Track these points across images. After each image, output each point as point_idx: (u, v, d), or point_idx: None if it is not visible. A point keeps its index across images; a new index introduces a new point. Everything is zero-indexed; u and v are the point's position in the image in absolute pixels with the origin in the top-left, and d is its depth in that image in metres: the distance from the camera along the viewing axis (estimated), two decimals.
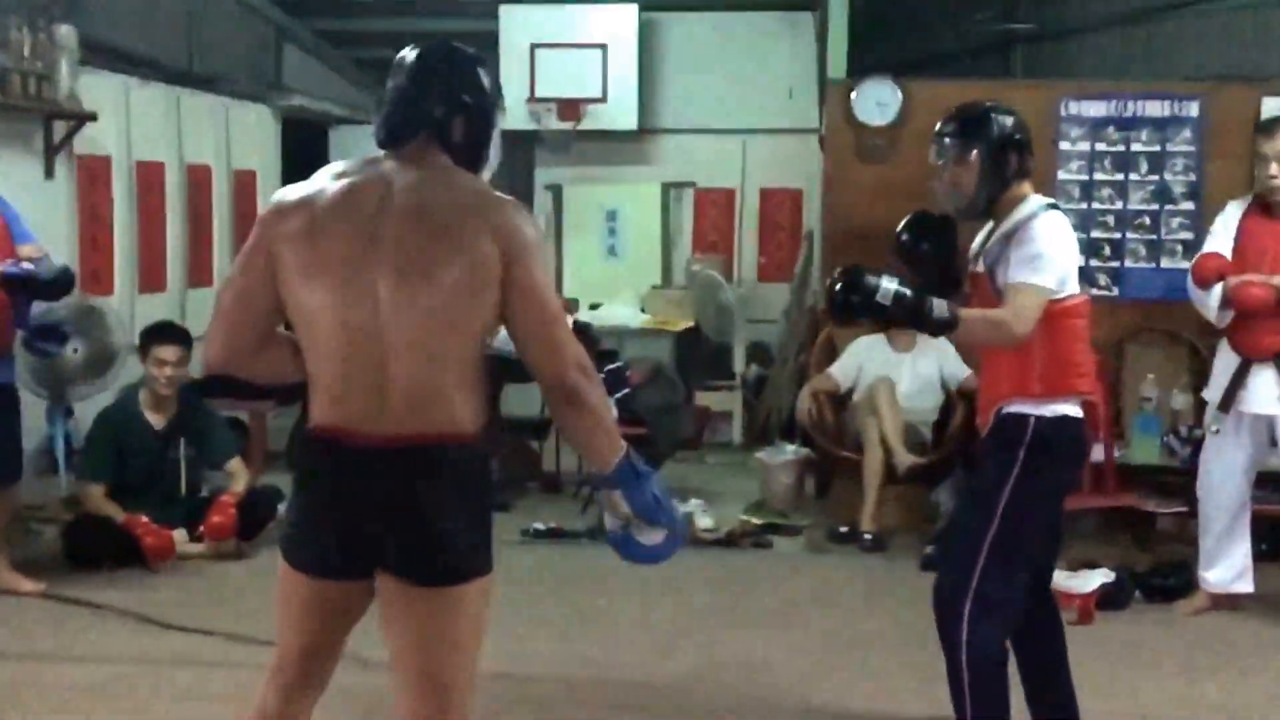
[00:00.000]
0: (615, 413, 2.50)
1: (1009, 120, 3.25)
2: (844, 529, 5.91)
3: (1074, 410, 3.23)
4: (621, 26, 8.74)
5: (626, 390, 6.59)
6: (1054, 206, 3.25)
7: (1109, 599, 4.85)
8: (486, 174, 2.45)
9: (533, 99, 8.69)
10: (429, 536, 2.28)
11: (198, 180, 7.56)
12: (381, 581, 2.33)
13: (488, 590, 2.38)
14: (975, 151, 3.20)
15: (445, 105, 2.36)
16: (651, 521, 2.42)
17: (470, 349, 2.29)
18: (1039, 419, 3.19)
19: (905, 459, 5.80)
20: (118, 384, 5.78)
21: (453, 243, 2.25)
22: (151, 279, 7.12)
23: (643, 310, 8.66)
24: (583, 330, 7.11)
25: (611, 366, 6.64)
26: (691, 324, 8.39)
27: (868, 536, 5.79)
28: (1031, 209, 3.20)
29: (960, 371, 6.06)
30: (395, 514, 2.28)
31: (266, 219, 2.35)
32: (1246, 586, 4.83)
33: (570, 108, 8.72)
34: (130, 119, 6.90)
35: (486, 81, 2.41)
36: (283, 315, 2.35)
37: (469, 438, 2.30)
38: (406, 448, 2.26)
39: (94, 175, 6.64)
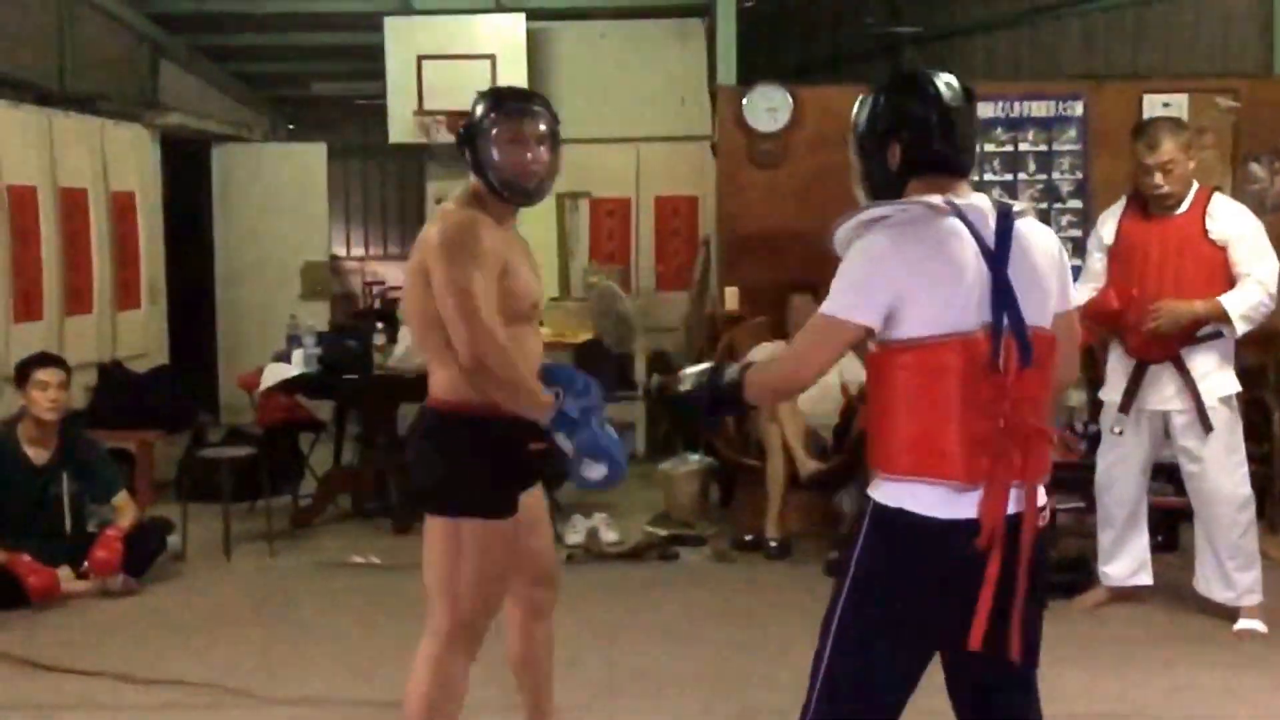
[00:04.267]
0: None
1: (894, 99, 2.40)
2: (749, 537, 5.90)
3: (916, 503, 2.28)
4: (509, 37, 8.66)
5: None
6: (919, 210, 2.30)
7: None
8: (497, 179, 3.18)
9: (421, 111, 8.57)
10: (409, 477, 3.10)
11: (73, 203, 7.29)
12: None
13: (451, 530, 2.93)
14: (852, 142, 2.46)
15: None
16: (593, 457, 2.90)
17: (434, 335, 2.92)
18: (875, 504, 2.35)
19: (808, 465, 5.79)
20: None
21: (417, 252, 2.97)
22: (27, 307, 6.85)
23: (541, 324, 8.55)
24: None
25: None
26: (591, 335, 8.32)
27: (773, 544, 5.78)
28: (877, 214, 2.33)
29: (859, 374, 6.07)
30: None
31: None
32: (1146, 579, 4.90)
33: (460, 120, 8.59)
34: None
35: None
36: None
37: (443, 404, 2.95)
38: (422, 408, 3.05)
39: None
